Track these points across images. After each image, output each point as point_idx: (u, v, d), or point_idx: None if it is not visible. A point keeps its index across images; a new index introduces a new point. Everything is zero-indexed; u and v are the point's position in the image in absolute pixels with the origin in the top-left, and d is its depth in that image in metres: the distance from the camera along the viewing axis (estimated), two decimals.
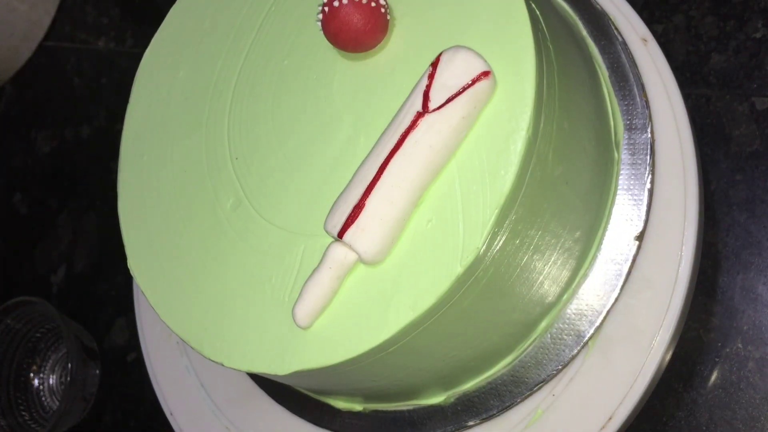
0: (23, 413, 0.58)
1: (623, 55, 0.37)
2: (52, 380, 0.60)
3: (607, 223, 0.35)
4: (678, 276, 0.34)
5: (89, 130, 0.68)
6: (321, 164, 0.31)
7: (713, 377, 0.39)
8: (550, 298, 0.34)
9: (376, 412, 0.37)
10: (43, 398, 0.59)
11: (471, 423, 0.35)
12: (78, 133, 0.68)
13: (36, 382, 0.60)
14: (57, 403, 0.59)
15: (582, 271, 0.35)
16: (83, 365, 0.56)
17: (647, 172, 0.35)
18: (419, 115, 0.27)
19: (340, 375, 0.30)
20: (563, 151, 0.30)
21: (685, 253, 0.34)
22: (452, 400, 0.36)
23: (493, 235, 0.27)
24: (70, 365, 0.54)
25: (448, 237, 0.27)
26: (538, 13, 0.30)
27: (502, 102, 0.28)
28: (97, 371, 0.58)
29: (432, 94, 0.27)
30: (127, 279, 0.40)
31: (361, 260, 0.28)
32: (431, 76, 0.28)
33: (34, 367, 0.60)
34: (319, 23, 0.30)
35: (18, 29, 0.70)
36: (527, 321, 0.34)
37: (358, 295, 0.28)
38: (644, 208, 0.35)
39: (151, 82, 0.39)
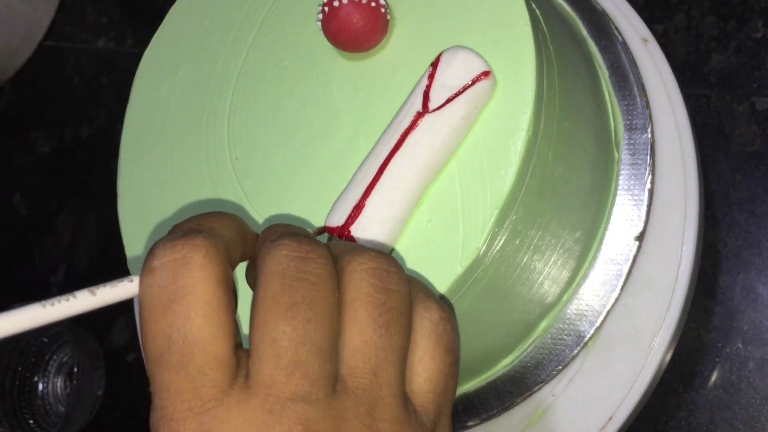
0: (28, 419, 0.58)
1: (623, 55, 0.37)
2: (56, 385, 0.60)
3: (607, 223, 0.35)
4: (678, 276, 0.34)
5: (89, 130, 0.68)
6: (321, 164, 0.31)
7: (713, 377, 0.39)
8: (550, 299, 0.34)
9: None
10: (48, 403, 0.59)
11: (471, 423, 0.35)
12: (78, 133, 0.68)
13: (40, 386, 0.59)
14: (61, 408, 0.59)
15: (582, 272, 0.35)
16: (89, 371, 0.56)
17: (647, 172, 0.35)
18: (419, 115, 0.27)
19: None
20: (563, 151, 0.30)
21: (686, 253, 0.34)
22: None
23: (493, 236, 0.27)
24: (76, 370, 0.54)
25: (448, 237, 0.27)
26: (538, 13, 0.30)
27: (502, 102, 0.28)
28: (103, 376, 0.57)
29: (432, 94, 0.27)
30: None
31: None
32: (431, 76, 0.28)
33: (39, 372, 0.59)
34: (319, 23, 0.30)
35: (18, 29, 0.70)
36: (527, 321, 0.34)
37: None
38: (644, 208, 0.35)
39: (151, 82, 0.39)
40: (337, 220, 0.28)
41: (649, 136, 0.36)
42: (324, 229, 0.28)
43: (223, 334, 0.20)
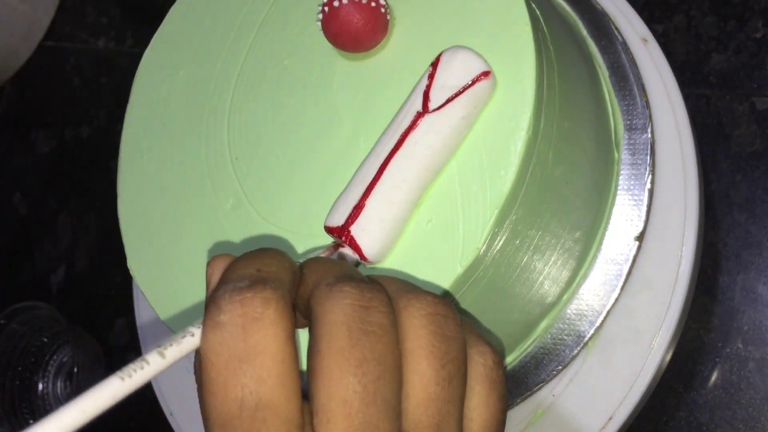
0: (28, 419, 0.58)
1: (623, 55, 0.37)
2: (56, 385, 0.60)
3: (607, 223, 0.35)
4: (678, 276, 0.34)
5: (89, 130, 0.68)
6: (321, 164, 0.31)
7: (713, 377, 0.39)
8: (550, 299, 0.34)
9: None
10: (48, 403, 0.59)
11: None
12: (78, 133, 0.68)
13: (40, 387, 0.59)
14: None
15: (582, 272, 0.35)
16: (89, 371, 0.56)
17: (647, 172, 0.35)
18: (419, 115, 0.27)
19: None
20: (563, 151, 0.30)
21: (686, 253, 0.34)
22: None
23: (493, 236, 0.27)
24: (76, 370, 0.54)
25: (448, 237, 0.27)
26: (538, 13, 0.30)
27: (502, 102, 0.28)
28: (103, 376, 0.57)
29: (432, 94, 0.27)
30: (127, 279, 0.40)
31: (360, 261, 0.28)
32: (431, 76, 0.28)
33: (39, 372, 0.59)
34: (319, 23, 0.30)
35: (18, 29, 0.70)
36: (527, 321, 0.34)
37: None
38: (644, 208, 0.35)
39: (151, 82, 0.39)
40: (337, 220, 0.28)
41: (649, 136, 0.36)
42: (338, 246, 0.27)
43: (294, 394, 0.19)
